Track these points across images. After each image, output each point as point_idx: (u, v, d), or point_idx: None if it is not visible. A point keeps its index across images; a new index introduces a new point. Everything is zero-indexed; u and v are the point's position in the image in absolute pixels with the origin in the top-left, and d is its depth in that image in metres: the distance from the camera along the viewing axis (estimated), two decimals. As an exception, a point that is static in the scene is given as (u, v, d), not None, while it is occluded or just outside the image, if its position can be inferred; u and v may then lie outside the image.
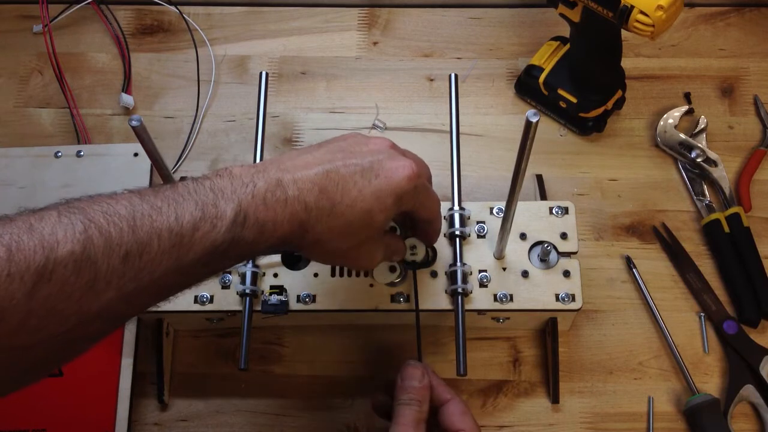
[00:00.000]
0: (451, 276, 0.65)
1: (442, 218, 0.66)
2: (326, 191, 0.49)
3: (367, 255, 0.55)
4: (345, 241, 0.51)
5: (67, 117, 0.83)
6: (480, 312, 0.66)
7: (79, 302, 0.40)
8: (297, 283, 0.66)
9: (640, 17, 0.63)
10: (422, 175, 0.53)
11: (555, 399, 0.69)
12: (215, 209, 0.45)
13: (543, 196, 0.74)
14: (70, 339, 0.41)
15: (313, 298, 0.65)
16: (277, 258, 0.66)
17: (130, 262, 0.41)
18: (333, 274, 0.66)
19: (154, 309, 0.47)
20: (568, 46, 0.79)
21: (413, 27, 0.88)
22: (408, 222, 0.61)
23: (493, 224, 0.67)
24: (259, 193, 0.47)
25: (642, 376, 0.70)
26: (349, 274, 0.66)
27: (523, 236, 0.67)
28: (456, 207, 0.67)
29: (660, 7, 0.62)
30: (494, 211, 0.68)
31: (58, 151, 0.78)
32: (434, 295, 0.65)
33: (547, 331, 0.69)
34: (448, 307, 0.65)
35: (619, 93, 0.78)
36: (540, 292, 0.65)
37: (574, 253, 0.67)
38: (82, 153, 0.78)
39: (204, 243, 0.44)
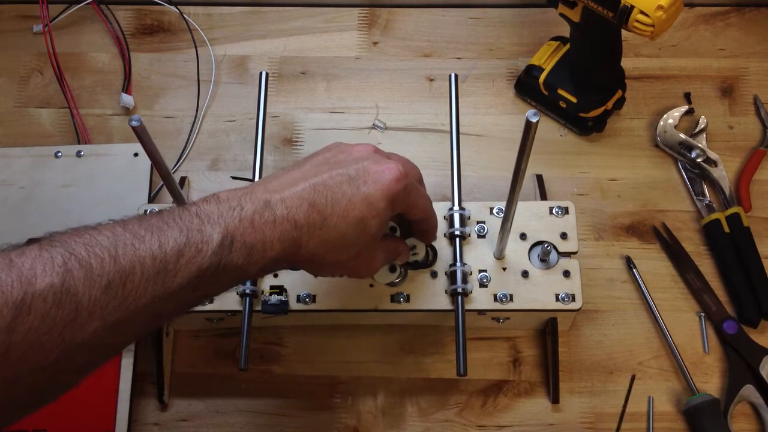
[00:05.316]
0: (451, 276, 0.65)
1: (442, 218, 0.67)
2: (315, 205, 0.49)
3: (366, 263, 0.54)
4: (341, 252, 0.51)
5: (67, 117, 0.83)
6: (480, 312, 0.66)
7: (62, 334, 0.40)
8: (297, 283, 0.66)
9: (640, 17, 0.63)
10: (410, 175, 0.53)
11: (555, 399, 0.69)
12: (200, 234, 0.45)
13: (543, 196, 0.74)
14: (57, 371, 0.41)
15: (313, 298, 0.65)
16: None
17: (112, 292, 0.41)
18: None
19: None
20: (568, 46, 0.79)
21: (413, 27, 0.88)
22: (405, 223, 0.60)
23: (493, 224, 0.67)
24: (246, 216, 0.47)
25: (642, 376, 0.70)
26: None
27: (523, 236, 0.67)
28: (456, 207, 0.67)
29: (660, 7, 0.62)
30: (494, 211, 0.68)
31: (58, 151, 0.78)
32: (434, 295, 0.65)
33: (547, 331, 0.69)
34: (448, 307, 0.65)
35: (619, 93, 0.78)
36: (540, 292, 0.65)
37: (574, 253, 0.67)
38: (82, 153, 0.78)
39: (190, 268, 0.44)
